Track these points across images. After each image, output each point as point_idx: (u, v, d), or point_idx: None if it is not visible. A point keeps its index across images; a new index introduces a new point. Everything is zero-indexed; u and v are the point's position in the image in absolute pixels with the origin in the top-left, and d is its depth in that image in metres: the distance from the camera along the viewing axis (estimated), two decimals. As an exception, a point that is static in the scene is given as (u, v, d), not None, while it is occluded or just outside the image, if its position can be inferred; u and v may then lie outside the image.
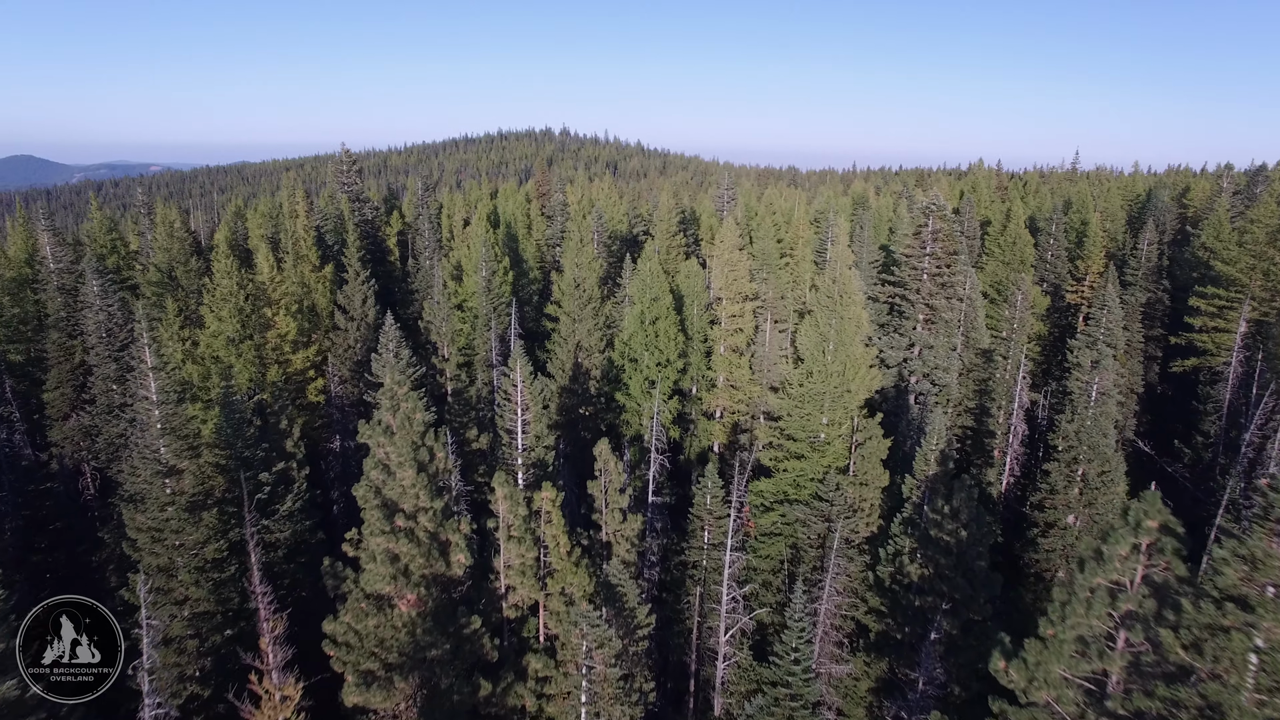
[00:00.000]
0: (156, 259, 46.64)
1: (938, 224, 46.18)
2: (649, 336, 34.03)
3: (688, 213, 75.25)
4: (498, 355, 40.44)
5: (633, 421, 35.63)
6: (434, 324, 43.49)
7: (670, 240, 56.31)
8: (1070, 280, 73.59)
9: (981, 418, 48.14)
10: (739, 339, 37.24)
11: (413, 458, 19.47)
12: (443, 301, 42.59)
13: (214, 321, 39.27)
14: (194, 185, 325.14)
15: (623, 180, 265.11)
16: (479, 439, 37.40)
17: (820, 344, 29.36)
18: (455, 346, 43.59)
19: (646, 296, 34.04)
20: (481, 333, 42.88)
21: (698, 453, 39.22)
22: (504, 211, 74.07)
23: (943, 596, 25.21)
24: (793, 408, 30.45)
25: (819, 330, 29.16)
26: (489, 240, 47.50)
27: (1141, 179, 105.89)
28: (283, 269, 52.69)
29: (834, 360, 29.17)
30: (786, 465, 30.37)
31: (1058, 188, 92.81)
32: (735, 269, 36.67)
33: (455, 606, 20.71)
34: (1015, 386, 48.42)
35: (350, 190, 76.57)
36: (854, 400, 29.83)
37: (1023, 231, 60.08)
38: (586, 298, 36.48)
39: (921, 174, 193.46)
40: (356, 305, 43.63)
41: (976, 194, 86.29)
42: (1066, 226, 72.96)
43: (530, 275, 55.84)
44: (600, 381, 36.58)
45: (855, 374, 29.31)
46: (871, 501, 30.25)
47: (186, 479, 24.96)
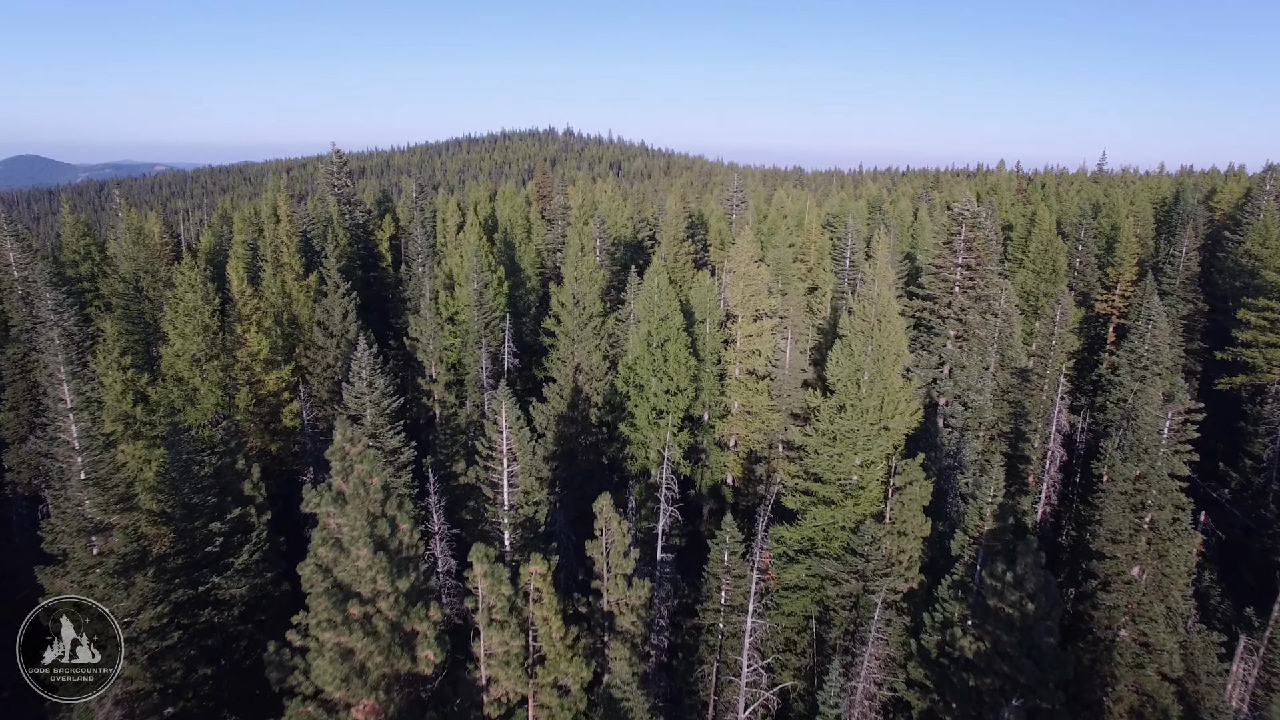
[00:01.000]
0: (123, 268, 43.02)
1: (970, 232, 42.34)
2: (656, 361, 30.28)
3: (695, 217, 71.49)
4: (489, 377, 36.74)
5: (638, 455, 31.90)
6: (420, 340, 39.82)
7: (678, 247, 52.56)
8: (1100, 289, 69.61)
9: (1016, 442, 44.28)
10: (756, 361, 33.48)
11: (369, 532, 15.75)
12: (429, 316, 38.89)
13: (177, 339, 35.67)
14: (195, 185, 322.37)
15: (626, 181, 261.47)
16: (467, 472, 33.69)
17: (854, 374, 25.57)
18: (444, 365, 39.91)
19: (654, 316, 30.29)
20: (473, 350, 39.18)
21: (709, 486, 35.48)
22: (502, 215, 70.40)
23: (1004, 678, 21.44)
24: (821, 445, 26.67)
25: (853, 358, 25.37)
26: (482, 248, 43.80)
27: (1167, 180, 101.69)
28: (261, 279, 49.15)
29: (870, 393, 25.39)
30: (814, 512, 26.60)
31: (1084, 190, 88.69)
32: (753, 283, 32.93)
33: (424, 710, 16.99)
34: (1053, 408, 44.61)
35: (340, 192, 72.94)
36: (892, 439, 26.05)
37: (1054, 238, 56.17)
38: (587, 315, 32.74)
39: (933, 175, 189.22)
40: (336, 320, 39.96)
41: (998, 197, 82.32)
42: (1096, 231, 68.99)
43: (529, 284, 52.12)
44: (602, 409, 32.85)
45: (894, 409, 25.53)
46: (911, 553, 26.46)
47: (116, 537, 21.29)
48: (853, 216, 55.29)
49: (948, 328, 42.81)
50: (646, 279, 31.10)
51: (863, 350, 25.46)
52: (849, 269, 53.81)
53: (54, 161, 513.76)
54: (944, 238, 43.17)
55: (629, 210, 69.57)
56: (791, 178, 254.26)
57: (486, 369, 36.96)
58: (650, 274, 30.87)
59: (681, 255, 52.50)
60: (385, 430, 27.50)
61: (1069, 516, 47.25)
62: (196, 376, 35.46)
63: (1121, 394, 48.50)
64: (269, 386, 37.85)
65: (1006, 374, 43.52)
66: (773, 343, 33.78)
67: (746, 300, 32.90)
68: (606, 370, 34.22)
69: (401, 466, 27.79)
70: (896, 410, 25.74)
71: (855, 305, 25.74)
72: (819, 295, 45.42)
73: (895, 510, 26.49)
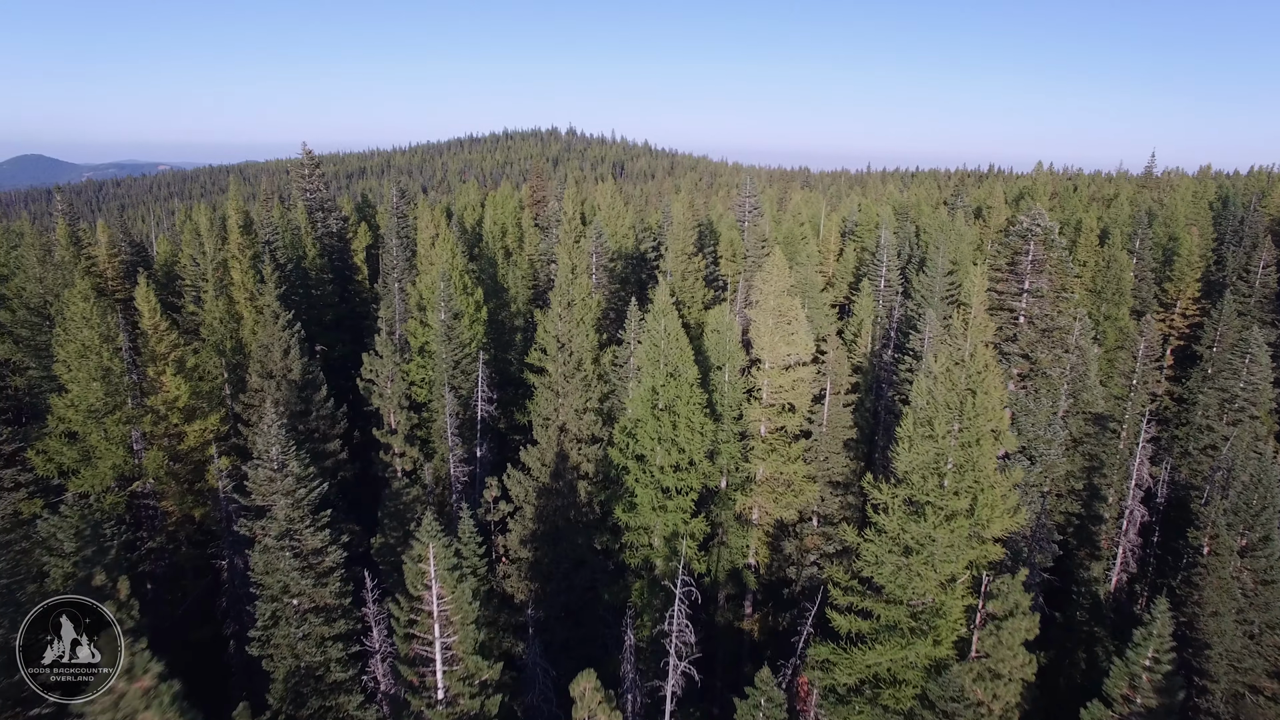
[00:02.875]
0: (28, 289, 36.21)
1: (1040, 251, 35.27)
2: (663, 427, 23.30)
3: (704, 225, 64.44)
4: (454, 432, 29.81)
5: (639, 545, 24.94)
6: (376, 383, 32.90)
7: (686, 264, 45.57)
8: (1157, 307, 62.36)
9: (1090, 501, 37.21)
10: (789, 419, 26.47)
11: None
12: (386, 353, 31.94)
13: (72, 385, 28.88)
14: (195, 185, 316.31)
15: (630, 182, 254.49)
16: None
17: (935, 464, 18.57)
18: (406, 411, 32.97)
19: (659, 369, 23.31)
20: (439, 394, 32.26)
21: (727, 571, 28.52)
22: (488, 222, 63.40)
23: None
24: (885, 553, 19.68)
25: (936, 441, 18.38)
26: (456, 267, 36.85)
27: (1211, 184, 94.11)
28: (201, 304, 42.30)
29: (959, 491, 18.40)
30: (878, 643, 19.60)
31: (1135, 195, 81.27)
32: (785, 320, 25.95)
33: None
34: (1133, 460, 37.50)
35: (313, 198, 66.02)
36: (985, 552, 19.04)
37: (1119, 252, 48.93)
38: (575, 362, 25.75)
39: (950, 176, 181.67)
40: (275, 357, 33.03)
41: (1035, 202, 75.00)
42: (1152, 242, 61.76)
43: (514, 305, 45.15)
44: (594, 484, 25.87)
45: (991, 512, 18.52)
46: (1007, 700, 19.44)
47: None
48: (885, 228, 48.20)
49: (1011, 366, 35.82)
50: (651, 319, 24.09)
51: (948, 430, 18.44)
52: (883, 287, 46.74)
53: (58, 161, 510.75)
54: (1006, 257, 36.12)
55: (630, 218, 62.55)
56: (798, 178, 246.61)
57: (452, 421, 30.03)
58: (656, 312, 23.86)
59: (690, 273, 45.51)
60: (301, 526, 20.60)
61: (1145, 582, 40.20)
62: (95, 431, 28.68)
63: (1210, 439, 41.44)
64: (190, 441, 31.03)
65: (1080, 420, 36.50)
66: (809, 394, 26.77)
67: (777, 343, 25.90)
68: (601, 425, 27.22)
69: (325, 574, 20.86)
70: (993, 513, 18.72)
71: (938, 368, 18.72)
72: (853, 323, 38.37)
73: (986, 643, 19.45)
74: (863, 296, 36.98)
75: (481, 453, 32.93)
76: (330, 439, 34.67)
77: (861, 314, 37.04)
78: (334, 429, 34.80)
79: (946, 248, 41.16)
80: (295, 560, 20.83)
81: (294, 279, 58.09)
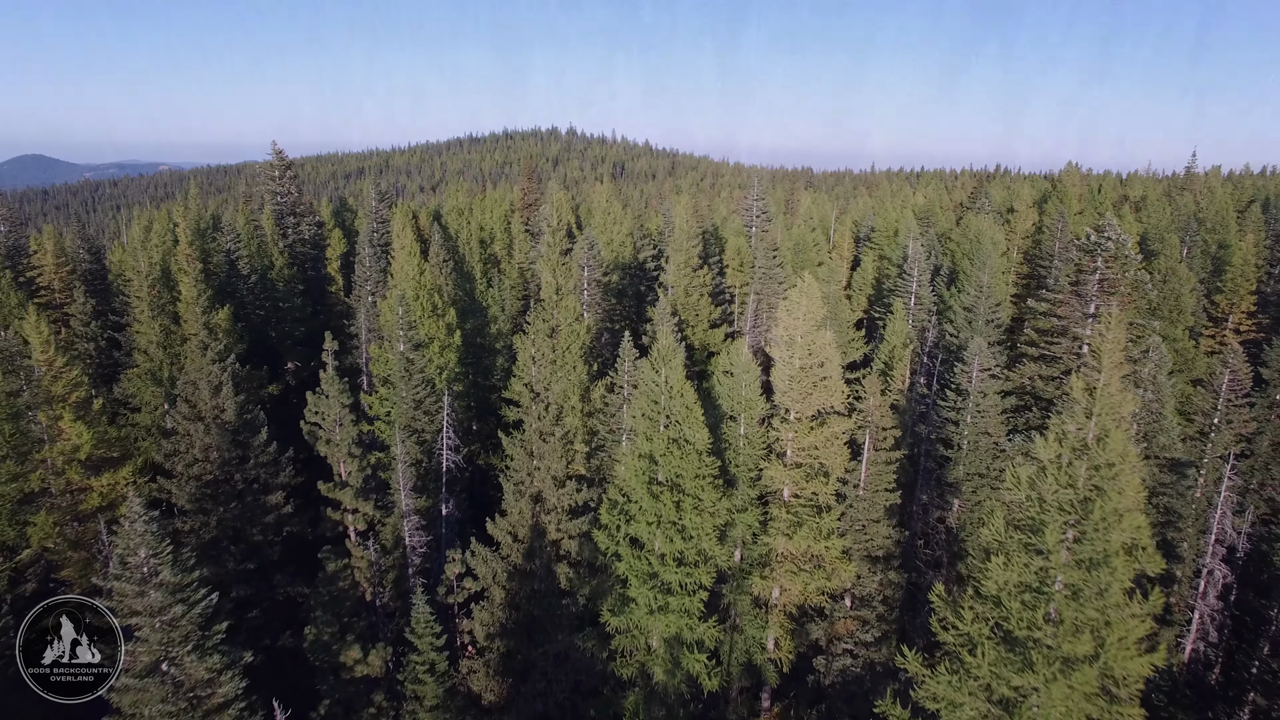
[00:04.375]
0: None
1: (1109, 269, 29.93)
2: (664, 507, 18.01)
3: (708, 231, 59.10)
4: (410, 489, 24.52)
5: (633, 650, 19.63)
6: (322, 426, 27.61)
7: (690, 278, 40.31)
8: (1206, 322, 57.06)
9: (1164, 559, 31.90)
10: (819, 485, 21.19)
11: None
12: (333, 393, 26.64)
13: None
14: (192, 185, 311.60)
15: (630, 182, 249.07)
16: (366, 660, 21.50)
17: (1038, 587, 13.28)
18: (359, 461, 27.70)
19: (659, 434, 18.01)
20: (398, 438, 26.91)
21: (742, 664, 23.24)
22: (474, 229, 58.13)
23: None
24: (963, 695, 14.40)
25: (1046, 559, 13.09)
26: (422, 287, 31.56)
27: (1247, 185, 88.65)
28: (127, 325, 37.11)
29: (1075, 625, 13.11)
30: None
31: (1172, 197, 75.78)
32: (820, 364, 20.66)
33: None
34: (1213, 513, 32.24)
35: (282, 202, 60.73)
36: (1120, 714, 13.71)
37: (1177, 265, 43.55)
38: (554, 415, 20.44)
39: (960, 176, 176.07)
40: (204, 396, 27.78)
41: (1065, 205, 69.61)
42: (1202, 250, 56.43)
43: (494, 327, 39.87)
44: (577, 570, 20.58)
45: (1116, 648, 13.23)
46: None
47: None
48: (914, 238, 42.89)
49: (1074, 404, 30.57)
50: (649, 365, 18.69)
51: (1059, 541, 13.14)
52: (913, 305, 41.42)
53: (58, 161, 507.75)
54: (1069, 275, 30.81)
55: (629, 223, 57.22)
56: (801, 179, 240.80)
57: (408, 475, 24.72)
58: (655, 358, 18.48)
59: (694, 288, 40.24)
60: (182, 651, 15.33)
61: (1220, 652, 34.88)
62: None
63: (1292, 482, 36.17)
64: (92, 501, 25.81)
65: (1154, 467, 31.28)
66: (844, 454, 21.48)
67: (807, 391, 20.60)
68: (587, 490, 21.92)
69: (215, 711, 15.59)
70: (1120, 649, 13.42)
71: (1047, 452, 13.41)
72: (884, 349, 33.05)
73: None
74: (895, 320, 31.71)
75: (448, 510, 27.66)
76: (272, 489, 29.41)
77: (894, 339, 31.74)
78: (276, 478, 29.56)
79: (989, 261, 35.76)
80: (174, 695, 15.60)
81: (259, 291, 52.98)
